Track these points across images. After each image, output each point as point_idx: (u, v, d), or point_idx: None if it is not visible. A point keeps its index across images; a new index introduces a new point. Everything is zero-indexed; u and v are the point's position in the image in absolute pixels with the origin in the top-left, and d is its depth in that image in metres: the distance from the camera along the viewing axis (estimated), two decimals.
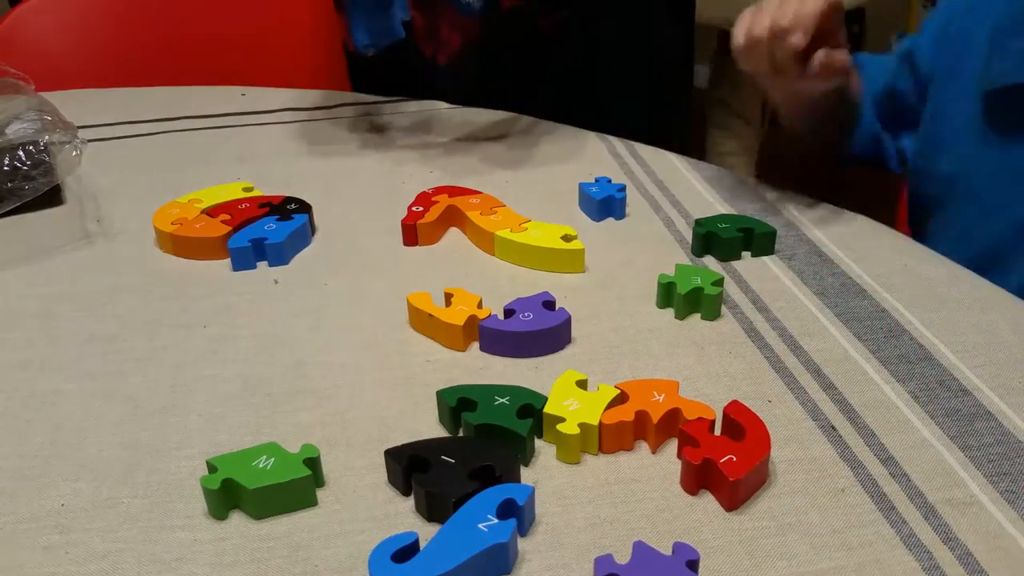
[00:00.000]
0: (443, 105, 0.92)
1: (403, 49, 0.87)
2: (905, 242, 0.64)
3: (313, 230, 0.68)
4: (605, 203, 0.68)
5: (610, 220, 0.68)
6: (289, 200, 0.69)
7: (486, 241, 0.64)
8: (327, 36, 1.15)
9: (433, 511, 0.41)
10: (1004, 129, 0.65)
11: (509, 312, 0.54)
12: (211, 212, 0.68)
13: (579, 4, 0.91)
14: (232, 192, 0.71)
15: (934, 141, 0.72)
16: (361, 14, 0.99)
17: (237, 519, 0.42)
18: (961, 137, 0.68)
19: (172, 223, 0.66)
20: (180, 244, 0.65)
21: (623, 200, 0.69)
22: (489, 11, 0.70)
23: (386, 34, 0.76)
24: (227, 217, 0.67)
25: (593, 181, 0.70)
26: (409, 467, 0.43)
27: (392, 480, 0.44)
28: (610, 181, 0.70)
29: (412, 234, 0.66)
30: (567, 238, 0.62)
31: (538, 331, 0.53)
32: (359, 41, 1.02)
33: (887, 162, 0.79)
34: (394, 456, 0.43)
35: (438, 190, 0.71)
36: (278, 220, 0.66)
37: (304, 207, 0.68)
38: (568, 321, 0.54)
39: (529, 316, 0.54)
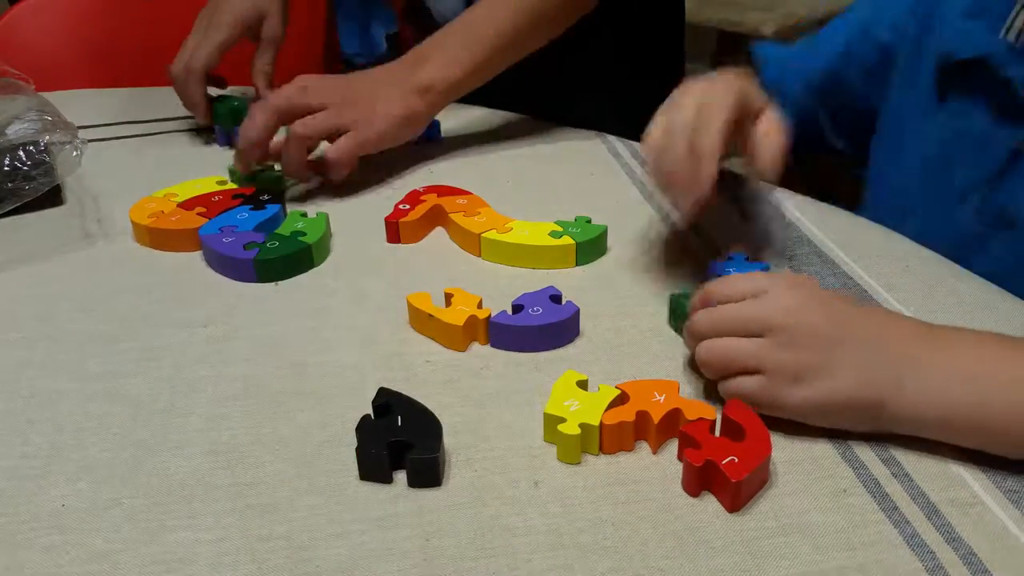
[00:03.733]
0: None
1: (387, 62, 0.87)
2: (906, 242, 0.64)
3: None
4: None
5: (607, 217, 0.67)
6: (261, 190, 0.70)
7: (471, 242, 0.64)
8: (326, 37, 1.15)
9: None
10: (950, 100, 0.68)
11: (517, 308, 0.55)
12: (185, 205, 0.69)
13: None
14: (207, 186, 0.72)
15: (900, 108, 0.73)
16: (349, 25, 1.00)
17: (237, 519, 0.42)
18: (918, 106, 0.71)
19: (148, 217, 0.67)
20: (156, 237, 0.66)
21: None
22: None
23: (370, 48, 0.76)
24: (202, 209, 0.68)
25: (727, 259, 0.59)
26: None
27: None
28: (746, 259, 0.59)
29: (394, 232, 0.66)
30: (555, 234, 0.62)
31: (549, 324, 0.53)
32: (348, 49, 1.02)
33: (826, 137, 0.80)
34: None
35: (428, 189, 0.70)
36: (251, 210, 0.67)
37: (277, 198, 0.69)
38: (577, 314, 0.54)
39: (539, 311, 0.54)
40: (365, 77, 0.74)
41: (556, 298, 0.55)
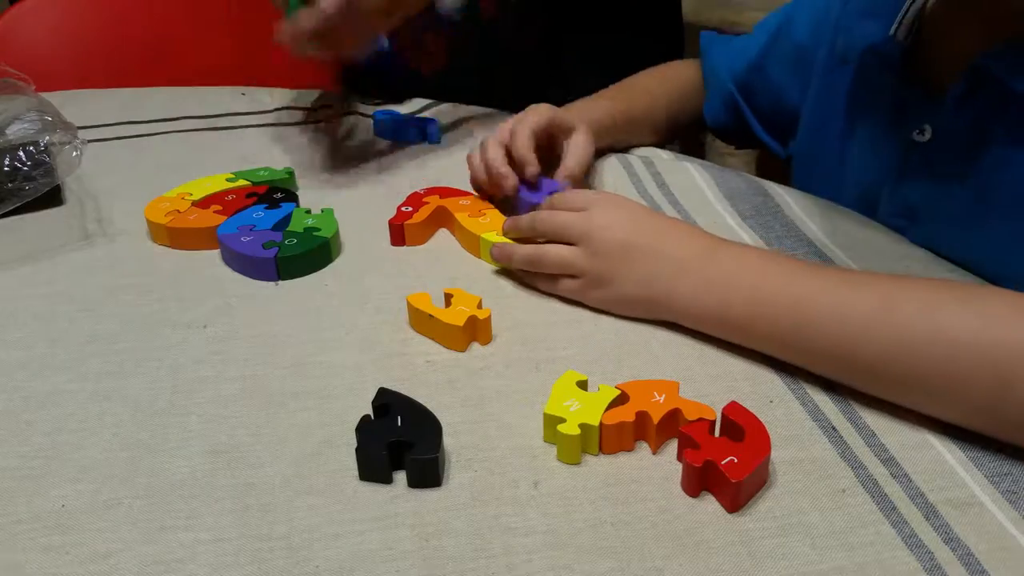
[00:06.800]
0: (443, 104, 0.91)
1: (389, 59, 0.87)
2: (906, 243, 0.64)
3: None
4: None
5: None
6: (275, 189, 0.71)
7: (473, 243, 0.64)
8: None
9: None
10: (855, 103, 0.70)
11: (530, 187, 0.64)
12: (201, 204, 0.69)
13: (564, 12, 0.92)
14: (217, 184, 0.73)
15: (823, 114, 0.75)
16: None
17: (237, 519, 0.42)
18: (839, 110, 0.72)
19: (166, 216, 0.67)
20: (176, 236, 0.66)
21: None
22: (469, 23, 0.71)
23: (369, 44, 0.76)
24: (219, 208, 0.68)
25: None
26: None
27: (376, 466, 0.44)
28: None
29: (399, 234, 0.66)
30: None
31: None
32: None
33: (754, 131, 0.83)
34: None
35: (429, 191, 0.71)
36: (266, 208, 0.68)
37: (291, 196, 0.70)
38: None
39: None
40: None
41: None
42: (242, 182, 0.73)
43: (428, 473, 0.43)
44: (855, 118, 0.70)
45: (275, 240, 0.63)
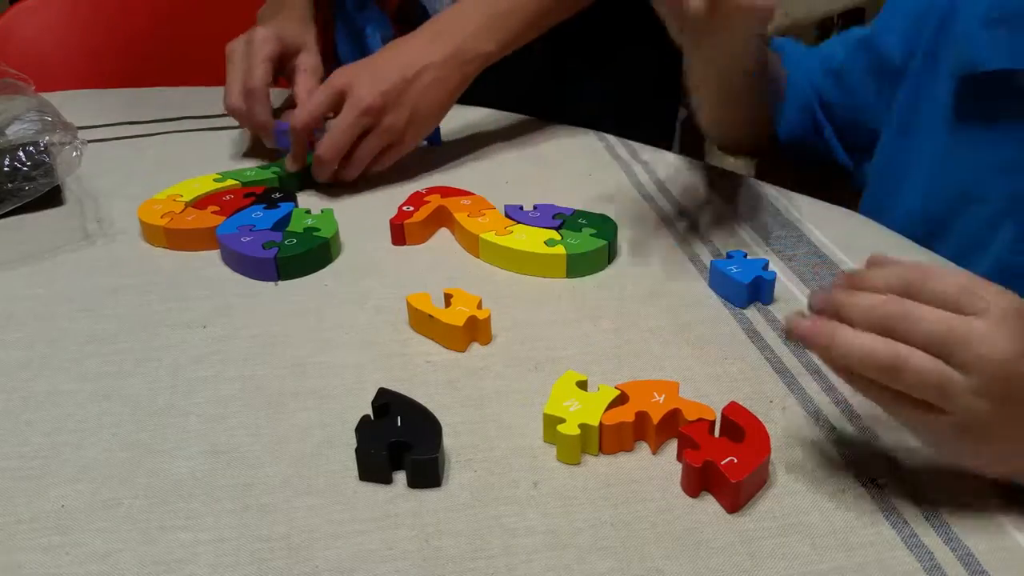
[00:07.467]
0: None
1: None
2: (906, 244, 0.64)
3: None
4: (753, 286, 0.57)
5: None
6: (272, 189, 0.71)
7: (472, 243, 0.64)
8: (323, 42, 1.15)
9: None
10: (977, 116, 0.64)
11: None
12: (198, 205, 0.69)
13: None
14: (205, 184, 0.72)
15: (909, 125, 0.70)
16: (344, 30, 1.00)
17: (237, 519, 0.42)
18: (936, 122, 0.67)
19: (161, 217, 0.67)
20: (174, 237, 0.66)
21: (772, 283, 0.58)
22: None
23: (364, 52, 0.76)
24: (216, 208, 0.68)
25: (726, 257, 0.60)
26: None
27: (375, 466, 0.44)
28: (746, 256, 0.60)
29: (400, 233, 0.66)
30: (550, 243, 0.62)
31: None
32: (343, 55, 1.02)
33: (829, 145, 0.77)
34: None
35: (431, 190, 0.71)
36: (265, 208, 0.67)
37: (289, 196, 0.70)
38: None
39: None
40: (400, 63, 0.74)
41: None
42: (230, 182, 0.73)
43: (428, 473, 0.43)
44: (973, 136, 0.64)
45: (275, 240, 0.63)
